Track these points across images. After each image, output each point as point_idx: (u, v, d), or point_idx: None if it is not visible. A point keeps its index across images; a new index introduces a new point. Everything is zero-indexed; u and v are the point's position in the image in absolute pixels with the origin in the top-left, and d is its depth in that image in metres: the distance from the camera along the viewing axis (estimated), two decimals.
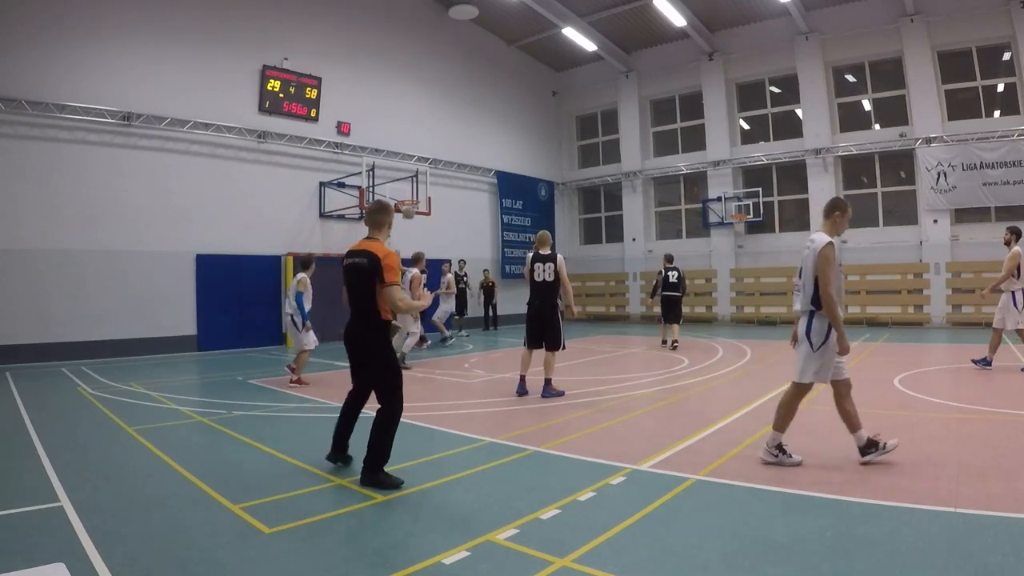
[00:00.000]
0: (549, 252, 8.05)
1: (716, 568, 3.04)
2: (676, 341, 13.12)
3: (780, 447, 4.68)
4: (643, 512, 3.76)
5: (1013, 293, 9.03)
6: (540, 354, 8.01)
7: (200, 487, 4.43)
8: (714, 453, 5.03)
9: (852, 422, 4.65)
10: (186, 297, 14.29)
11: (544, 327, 7.95)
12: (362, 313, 4.55)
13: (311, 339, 9.71)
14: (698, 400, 7.67)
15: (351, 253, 4.61)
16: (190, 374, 11.36)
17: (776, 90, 20.70)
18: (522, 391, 7.91)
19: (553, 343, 7.90)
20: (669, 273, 13.55)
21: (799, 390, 4.68)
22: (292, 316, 9.71)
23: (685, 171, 22.11)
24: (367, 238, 4.68)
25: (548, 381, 7.87)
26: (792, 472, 4.48)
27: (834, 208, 4.82)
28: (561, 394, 7.83)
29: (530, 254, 8.19)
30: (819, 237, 4.66)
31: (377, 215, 4.79)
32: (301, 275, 9.74)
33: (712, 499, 4.04)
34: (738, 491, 4.12)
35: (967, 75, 17.25)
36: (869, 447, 4.59)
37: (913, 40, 17.41)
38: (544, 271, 7.97)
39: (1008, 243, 9.33)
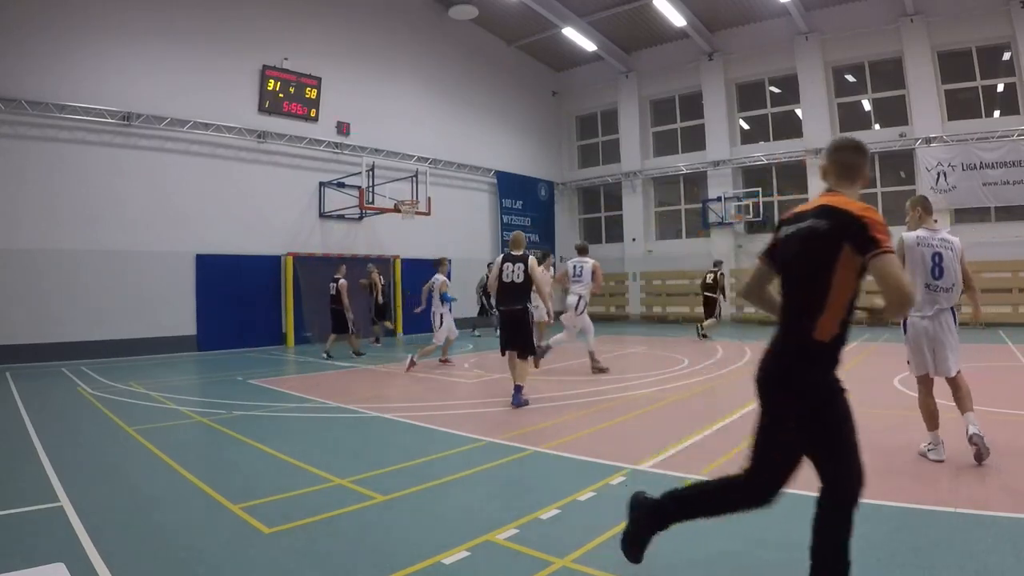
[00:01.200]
0: (521, 253, 7.64)
1: (716, 568, 3.04)
2: (704, 334, 14.66)
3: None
4: None
5: None
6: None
7: (200, 487, 4.43)
8: (714, 453, 5.03)
9: (936, 420, 4.82)
10: (186, 297, 14.30)
11: (515, 332, 7.47)
12: (801, 320, 2.51)
13: (453, 329, 11.27)
14: (698, 400, 7.67)
15: (796, 217, 2.67)
16: (190, 374, 11.37)
17: (776, 90, 20.72)
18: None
19: (524, 348, 7.42)
20: (708, 275, 15.39)
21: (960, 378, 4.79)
22: (442, 315, 10.94)
23: (685, 171, 22.13)
24: (827, 191, 2.69)
25: (518, 388, 7.28)
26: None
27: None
28: (527, 403, 7.23)
29: (499, 256, 7.93)
30: (953, 237, 4.86)
31: (846, 155, 2.74)
32: (443, 278, 11.07)
33: None
34: None
35: (967, 75, 17.26)
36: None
37: (913, 40, 17.42)
38: (514, 272, 7.54)
39: None
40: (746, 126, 21.57)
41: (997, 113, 17.05)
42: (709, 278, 15.34)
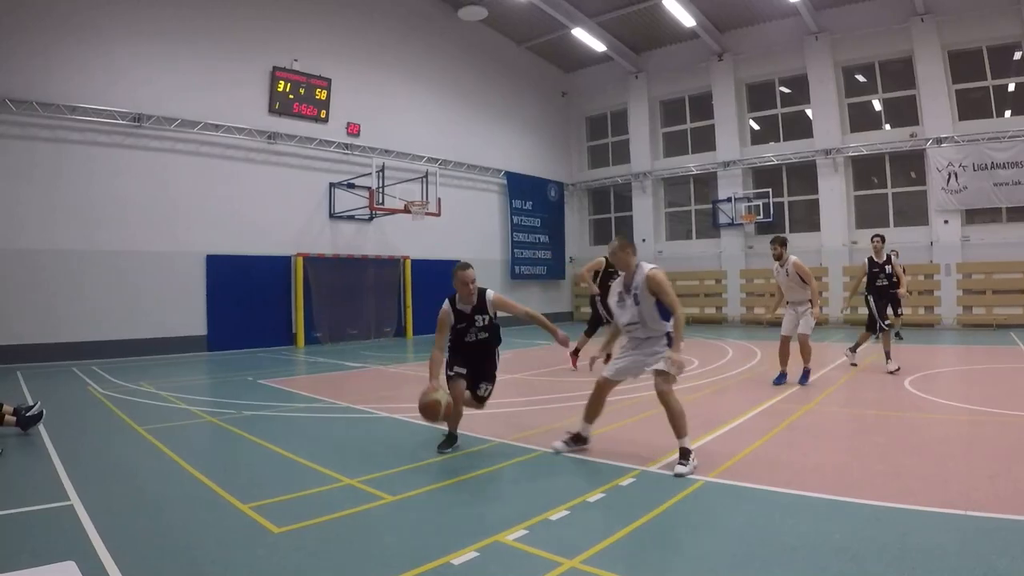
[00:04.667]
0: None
1: (725, 570, 3.02)
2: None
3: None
4: (652, 514, 3.75)
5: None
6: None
7: (210, 486, 4.45)
8: (724, 455, 5.01)
9: None
10: (196, 298, 14.37)
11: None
12: None
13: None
14: (707, 402, 7.64)
15: None
16: (200, 374, 11.43)
17: (786, 90, 20.62)
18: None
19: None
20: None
21: None
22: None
23: (695, 172, 22.07)
24: None
25: None
26: (801, 474, 4.46)
27: None
28: None
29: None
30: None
31: None
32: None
33: (721, 501, 4.02)
34: (747, 493, 4.10)
35: (977, 75, 17.12)
36: None
37: (923, 39, 17.30)
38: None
39: (780, 257, 8.40)
40: (756, 126, 21.47)
41: (1008, 113, 16.88)
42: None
